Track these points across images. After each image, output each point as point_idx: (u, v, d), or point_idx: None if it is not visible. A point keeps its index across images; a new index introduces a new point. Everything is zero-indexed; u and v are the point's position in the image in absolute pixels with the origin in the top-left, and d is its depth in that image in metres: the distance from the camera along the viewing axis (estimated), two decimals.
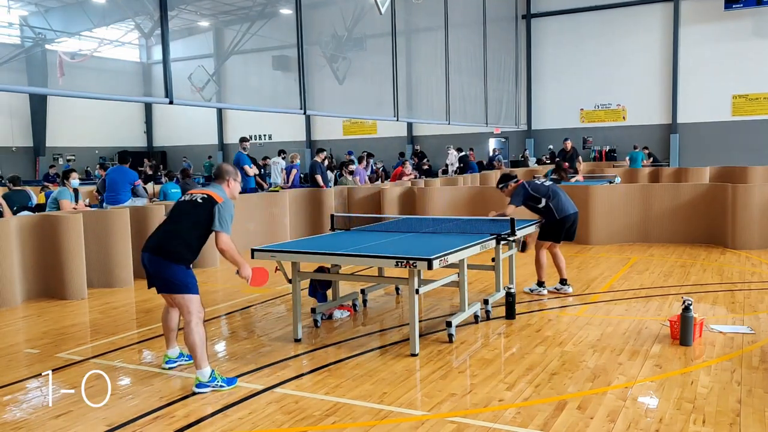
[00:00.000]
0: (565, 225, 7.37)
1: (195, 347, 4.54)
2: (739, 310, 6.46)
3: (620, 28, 23.89)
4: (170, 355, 5.07)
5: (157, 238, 4.66)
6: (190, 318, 4.58)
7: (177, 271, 4.57)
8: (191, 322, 4.57)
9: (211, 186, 4.84)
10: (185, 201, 4.75)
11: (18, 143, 28.42)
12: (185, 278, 4.61)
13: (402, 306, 6.96)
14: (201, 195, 4.69)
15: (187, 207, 4.68)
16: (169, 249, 4.55)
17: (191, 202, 4.68)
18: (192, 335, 4.54)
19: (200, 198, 4.65)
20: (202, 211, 4.60)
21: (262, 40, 18.23)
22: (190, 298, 4.61)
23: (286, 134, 30.33)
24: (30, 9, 21.88)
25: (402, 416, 4.07)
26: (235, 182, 4.91)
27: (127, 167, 10.70)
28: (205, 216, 4.59)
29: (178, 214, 4.70)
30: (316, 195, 12.64)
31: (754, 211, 9.91)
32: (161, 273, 4.59)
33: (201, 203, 4.62)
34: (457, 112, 18.10)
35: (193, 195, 4.74)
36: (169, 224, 4.71)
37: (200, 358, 4.55)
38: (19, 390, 4.73)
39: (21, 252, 7.64)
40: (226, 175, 4.87)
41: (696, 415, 3.96)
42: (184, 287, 4.60)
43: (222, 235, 4.60)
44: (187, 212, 4.65)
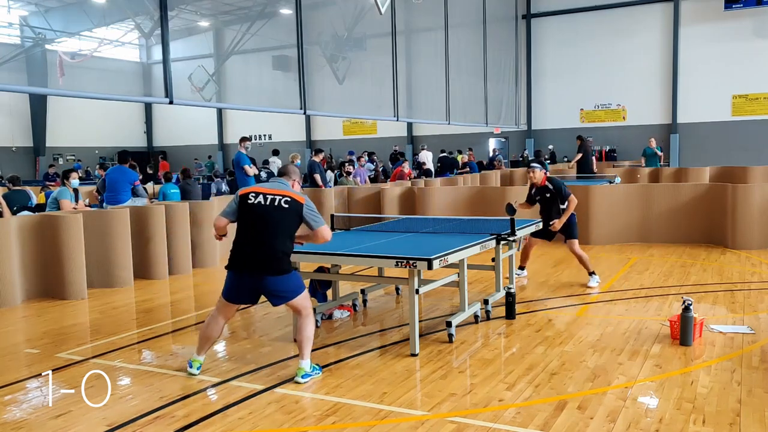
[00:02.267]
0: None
1: (309, 340, 4.71)
2: (739, 310, 6.46)
3: (620, 28, 23.90)
4: (201, 360, 4.90)
5: (261, 253, 4.56)
6: (308, 312, 4.74)
7: (292, 278, 4.67)
8: (310, 315, 4.74)
9: (280, 183, 4.78)
10: (268, 206, 4.59)
11: (18, 143, 28.43)
12: (297, 279, 4.75)
13: (402, 306, 6.96)
14: (283, 198, 4.61)
15: (275, 214, 4.57)
16: (282, 266, 4.59)
17: (277, 207, 4.58)
18: (309, 328, 4.71)
19: (284, 202, 4.59)
20: (290, 217, 4.60)
21: (262, 40, 18.23)
22: (306, 294, 4.77)
23: (286, 134, 30.35)
24: (30, 9, 21.87)
25: (402, 416, 4.07)
26: (299, 185, 4.96)
27: (127, 167, 10.70)
28: (295, 221, 4.63)
29: (270, 223, 4.57)
30: (316, 195, 12.63)
31: (754, 211, 9.91)
32: (282, 288, 4.63)
33: (287, 208, 4.59)
34: (457, 112, 18.10)
35: (273, 197, 4.60)
36: (267, 237, 4.57)
37: (308, 351, 4.72)
38: (19, 390, 4.73)
39: (21, 252, 7.64)
40: (294, 175, 4.93)
41: (696, 415, 3.96)
42: (300, 288, 4.73)
43: (323, 230, 4.70)
44: (278, 220, 4.57)
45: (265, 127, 31.10)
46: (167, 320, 6.70)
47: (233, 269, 4.70)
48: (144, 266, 8.83)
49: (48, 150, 29.20)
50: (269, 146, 28.93)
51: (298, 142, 30.13)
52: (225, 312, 4.86)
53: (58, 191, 9.60)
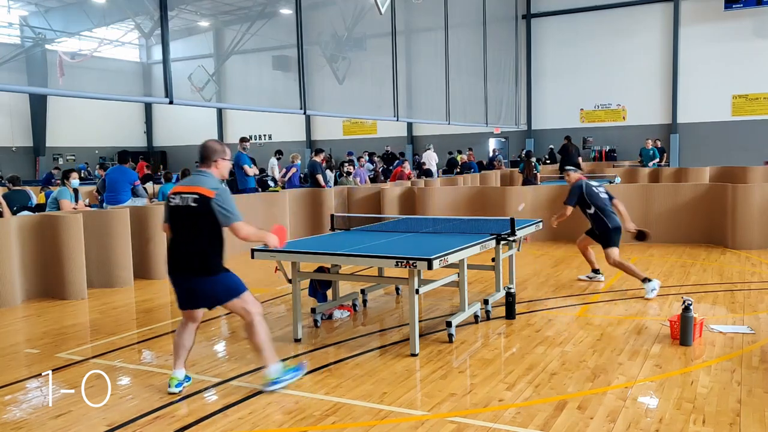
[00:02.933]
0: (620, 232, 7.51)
1: (263, 345, 4.41)
2: (739, 310, 6.46)
3: (620, 28, 23.90)
4: (179, 377, 4.59)
5: (183, 256, 4.34)
6: (251, 317, 4.40)
7: (225, 279, 4.37)
8: (254, 321, 4.40)
9: (197, 176, 4.37)
10: (180, 207, 4.28)
11: (18, 143, 28.43)
12: (229, 281, 4.38)
13: (402, 306, 6.96)
14: (191, 195, 4.23)
15: (188, 215, 4.26)
16: (204, 264, 4.29)
17: (187, 207, 4.24)
18: (258, 334, 4.40)
19: (193, 201, 4.22)
20: (202, 215, 4.22)
21: (262, 40, 18.24)
22: (243, 297, 4.40)
23: (286, 134, 30.35)
24: (30, 9, 21.88)
25: (402, 416, 4.07)
26: (224, 161, 4.43)
27: (127, 167, 10.70)
28: (208, 220, 4.23)
29: (183, 226, 4.32)
30: (316, 195, 12.63)
31: (754, 211, 9.91)
32: (211, 291, 4.35)
33: (196, 207, 4.21)
34: (457, 112, 18.11)
35: (183, 197, 4.26)
36: (180, 238, 4.35)
37: (270, 356, 4.43)
38: (19, 390, 4.73)
39: (21, 252, 7.64)
40: (214, 155, 4.39)
41: (696, 415, 3.96)
42: (233, 290, 4.38)
43: (237, 227, 4.24)
44: (190, 223, 4.27)
45: (265, 127, 31.10)
46: (167, 320, 6.70)
47: (168, 274, 4.48)
48: (144, 266, 8.83)
49: (48, 150, 29.20)
50: (269, 146, 28.95)
51: (298, 142, 30.13)
52: (188, 316, 4.57)
53: (58, 191, 9.60)
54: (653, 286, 7.04)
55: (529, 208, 11.17)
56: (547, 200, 11.35)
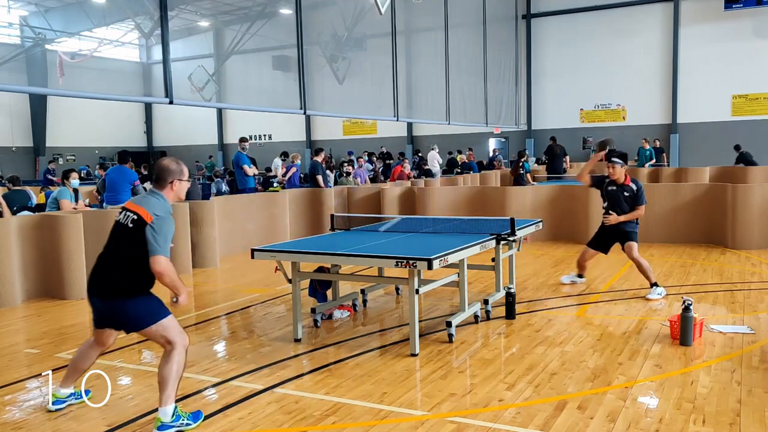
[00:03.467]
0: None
1: (169, 381, 3.87)
2: (739, 310, 6.46)
3: (620, 28, 23.89)
4: (61, 395, 4.31)
5: (99, 276, 3.99)
6: (172, 348, 3.93)
7: (134, 306, 3.93)
8: (174, 351, 3.93)
9: (148, 197, 4.01)
10: (118, 223, 3.98)
11: (18, 143, 28.44)
12: (148, 305, 3.97)
13: (402, 306, 6.96)
14: (132, 215, 3.89)
15: (120, 233, 3.94)
16: (116, 287, 3.91)
17: (124, 226, 3.91)
18: (171, 368, 3.89)
19: (131, 221, 3.88)
20: (134, 239, 3.85)
21: (262, 40, 18.25)
22: (164, 324, 3.95)
23: (286, 134, 30.35)
24: (30, 9, 21.89)
25: (402, 416, 4.07)
26: (181, 182, 4.07)
27: (127, 167, 10.71)
28: (139, 243, 3.84)
29: (114, 242, 3.99)
30: (316, 195, 12.64)
31: (754, 211, 9.91)
32: (122, 316, 3.95)
33: (132, 228, 3.86)
34: (457, 112, 18.11)
35: (126, 214, 3.95)
36: (106, 255, 4.01)
37: (170, 395, 3.87)
38: (19, 390, 4.73)
39: (21, 252, 7.64)
40: (169, 176, 4.02)
41: (696, 415, 3.96)
42: (148, 318, 3.94)
43: (157, 259, 3.80)
44: (121, 241, 3.92)
45: (265, 127, 31.10)
46: None
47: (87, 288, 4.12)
48: None
49: (48, 150, 29.20)
50: (269, 146, 28.98)
51: (298, 142, 30.13)
52: (97, 337, 4.25)
53: (58, 191, 9.60)
54: (660, 291, 7.03)
55: (529, 208, 11.18)
56: (546, 200, 11.35)
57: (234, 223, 10.77)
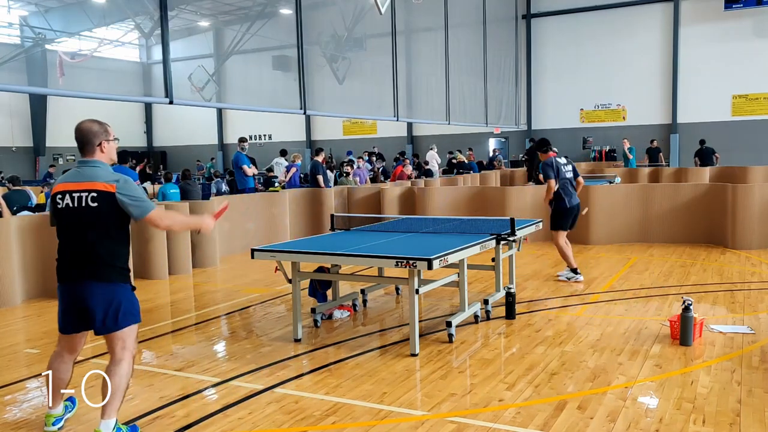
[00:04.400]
0: (573, 213, 7.93)
1: (119, 392, 3.64)
2: (739, 310, 6.46)
3: (620, 28, 23.89)
4: (56, 414, 3.98)
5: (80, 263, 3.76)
6: (124, 356, 3.69)
7: (128, 294, 3.77)
8: (125, 360, 3.69)
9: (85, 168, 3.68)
10: (77, 208, 3.64)
11: (18, 143, 28.43)
12: (135, 304, 3.80)
13: (402, 306, 6.97)
14: (87, 194, 3.60)
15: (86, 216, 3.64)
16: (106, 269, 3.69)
17: (86, 208, 3.62)
18: (123, 377, 3.66)
19: (91, 199, 3.60)
20: (104, 214, 3.61)
21: (262, 40, 18.24)
22: (134, 329, 3.77)
23: (286, 134, 30.34)
24: (30, 9, 21.88)
25: (402, 416, 4.07)
26: (108, 142, 3.76)
27: (127, 167, 10.70)
28: (113, 216, 3.63)
29: (80, 230, 3.70)
30: (316, 195, 12.64)
31: (754, 211, 9.91)
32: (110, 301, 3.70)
33: (95, 207, 3.60)
34: (457, 112, 18.12)
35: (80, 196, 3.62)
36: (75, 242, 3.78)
37: (115, 407, 3.64)
38: (19, 390, 4.73)
39: (21, 252, 7.64)
40: (96, 138, 3.71)
41: (696, 415, 3.96)
42: (132, 316, 3.75)
43: (154, 217, 3.67)
44: (93, 222, 3.65)
45: (265, 127, 31.10)
46: (167, 320, 6.70)
47: (59, 282, 3.91)
48: (144, 266, 8.82)
49: (48, 150, 29.19)
50: (269, 146, 28.96)
51: (298, 142, 30.12)
52: (67, 345, 4.00)
53: None
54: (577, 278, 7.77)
55: (529, 208, 11.18)
56: None
57: (234, 223, 10.76)
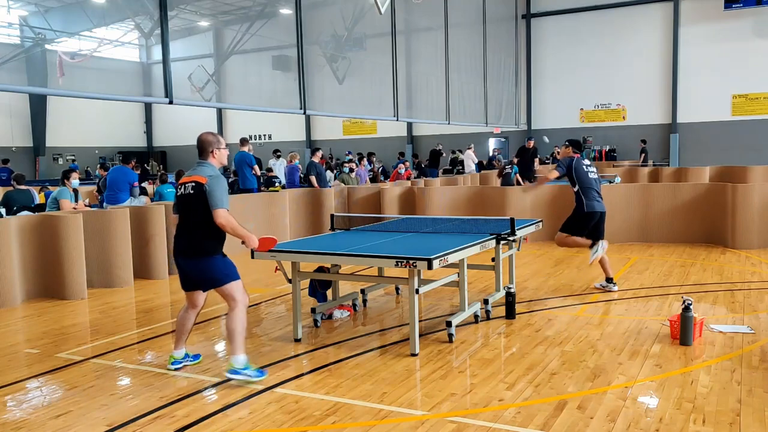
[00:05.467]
0: (592, 221, 7.40)
1: (236, 334, 4.64)
2: (739, 309, 6.46)
3: (620, 28, 23.90)
4: (177, 356, 5.03)
5: (182, 240, 4.70)
6: (236, 305, 4.69)
7: (215, 263, 4.67)
8: (236, 308, 4.68)
9: (196, 167, 4.74)
10: (182, 195, 4.70)
11: (18, 143, 28.43)
12: (224, 268, 4.70)
13: (402, 306, 6.96)
14: (190, 184, 4.64)
15: (187, 202, 4.65)
16: (196, 247, 4.64)
17: (187, 195, 4.65)
18: (236, 321, 4.65)
19: (191, 188, 4.62)
20: (196, 201, 4.58)
21: (262, 40, 18.24)
22: (234, 285, 4.70)
23: (286, 134, 30.35)
24: (30, 9, 21.89)
25: (402, 416, 4.07)
26: (220, 150, 4.79)
27: (128, 167, 10.72)
28: (202, 204, 4.57)
29: (184, 210, 4.70)
30: (316, 195, 12.63)
31: (754, 211, 9.91)
32: (201, 272, 4.68)
33: (193, 194, 4.60)
34: (457, 112, 18.12)
35: (185, 186, 4.68)
36: (182, 224, 4.72)
37: (239, 345, 4.65)
38: (19, 390, 4.73)
39: (21, 252, 7.64)
40: (209, 147, 4.76)
41: (696, 414, 3.96)
42: (225, 277, 4.68)
43: (217, 212, 4.53)
44: (188, 207, 4.65)
45: (265, 127, 31.10)
46: (167, 320, 6.70)
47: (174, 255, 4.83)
48: (144, 266, 8.83)
49: (48, 150, 29.20)
50: (269, 146, 28.94)
51: (298, 142, 30.13)
52: (189, 301, 4.94)
53: (58, 191, 9.60)
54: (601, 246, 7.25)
55: (529, 208, 11.18)
56: (546, 200, 11.34)
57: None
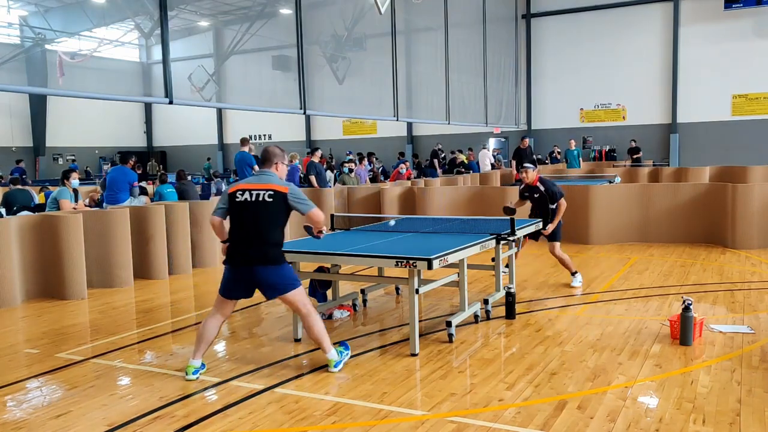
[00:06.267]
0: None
1: (321, 337, 4.83)
2: (739, 309, 6.46)
3: (620, 28, 23.90)
4: (196, 365, 4.85)
5: (253, 247, 4.68)
6: (309, 309, 4.83)
7: (289, 269, 4.82)
8: (312, 313, 4.83)
9: (262, 176, 4.82)
10: (252, 202, 4.68)
11: (18, 143, 28.43)
12: (291, 273, 4.83)
13: (402, 306, 6.96)
14: (266, 191, 4.68)
15: (262, 209, 4.67)
16: (274, 254, 4.71)
17: (262, 202, 4.67)
18: (317, 325, 4.82)
19: (268, 196, 4.67)
20: (276, 209, 4.69)
21: (262, 40, 18.24)
22: (301, 290, 4.83)
23: (286, 134, 30.35)
24: (30, 9, 21.89)
25: (402, 416, 4.07)
26: (283, 164, 4.96)
27: (128, 167, 10.72)
28: (282, 212, 4.72)
29: (252, 217, 4.68)
30: (316, 195, 12.62)
31: (754, 211, 9.91)
32: (278, 278, 4.72)
33: (272, 201, 4.67)
34: (457, 112, 18.11)
35: (258, 193, 4.68)
36: (249, 231, 4.69)
37: (328, 345, 4.87)
38: (19, 390, 4.73)
39: (21, 252, 7.64)
40: (275, 158, 4.90)
41: (696, 414, 3.96)
42: (296, 281, 4.82)
43: (315, 212, 4.80)
44: (262, 214, 4.68)
45: (265, 127, 31.10)
46: (167, 320, 6.70)
47: (229, 264, 4.80)
48: (144, 266, 8.83)
49: (48, 150, 29.20)
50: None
51: (298, 142, 30.12)
52: (223, 309, 4.88)
53: (57, 191, 9.61)
54: (579, 279, 7.72)
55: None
56: None
57: None
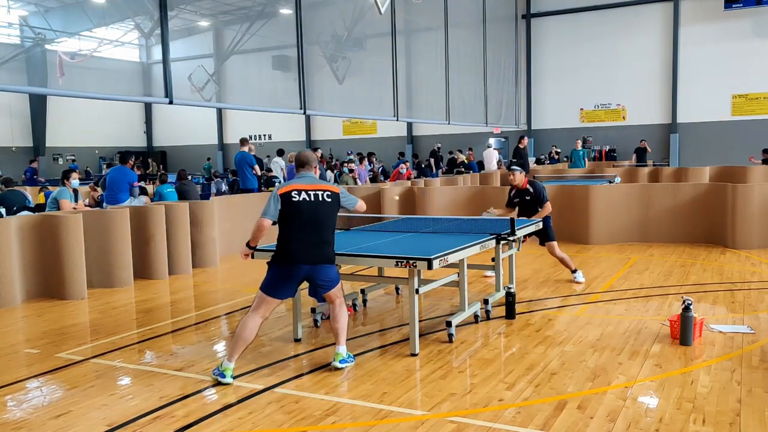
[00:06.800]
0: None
1: (344, 328, 5.03)
2: (739, 309, 6.46)
3: (620, 28, 23.90)
4: (231, 367, 4.73)
5: (316, 247, 4.81)
6: (342, 300, 5.09)
7: (336, 268, 5.04)
8: (344, 304, 5.10)
9: (310, 177, 4.98)
10: (314, 202, 4.82)
11: (18, 143, 28.42)
12: (337, 270, 5.09)
13: (402, 306, 6.96)
14: (324, 192, 4.87)
15: (322, 209, 4.83)
16: (331, 254, 4.92)
17: (322, 202, 4.83)
18: (344, 316, 5.05)
19: (327, 196, 4.86)
20: (334, 209, 4.90)
21: (262, 40, 18.24)
22: (340, 284, 5.08)
23: (286, 134, 30.35)
24: (30, 9, 21.88)
25: (402, 416, 4.07)
26: (317, 168, 5.14)
27: (128, 167, 10.72)
28: (336, 212, 4.93)
29: (319, 217, 4.82)
30: None
31: (754, 211, 9.91)
32: (330, 277, 4.93)
33: (330, 201, 4.86)
34: (457, 112, 18.11)
35: (317, 193, 4.84)
36: (311, 231, 4.81)
37: (344, 339, 5.03)
38: (19, 390, 4.73)
39: (21, 252, 7.64)
40: (313, 162, 5.10)
41: (696, 414, 3.96)
42: (339, 278, 5.06)
43: (360, 206, 5.18)
44: (326, 214, 4.85)
45: (265, 127, 31.10)
46: (167, 320, 6.70)
47: (286, 263, 4.81)
48: (144, 266, 8.83)
49: (48, 150, 29.18)
50: (269, 146, 28.95)
51: (298, 142, 30.13)
52: (266, 309, 4.86)
53: (58, 191, 9.60)
54: (581, 275, 7.87)
55: None
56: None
57: (234, 223, 10.76)
